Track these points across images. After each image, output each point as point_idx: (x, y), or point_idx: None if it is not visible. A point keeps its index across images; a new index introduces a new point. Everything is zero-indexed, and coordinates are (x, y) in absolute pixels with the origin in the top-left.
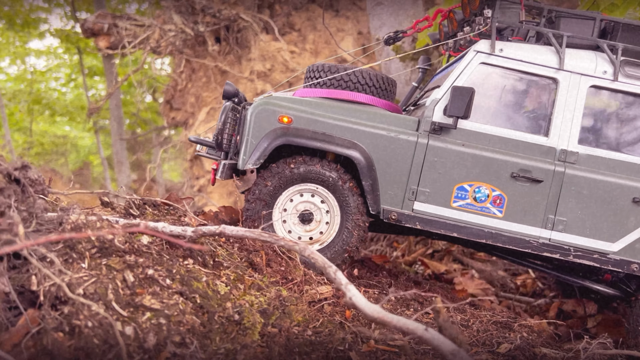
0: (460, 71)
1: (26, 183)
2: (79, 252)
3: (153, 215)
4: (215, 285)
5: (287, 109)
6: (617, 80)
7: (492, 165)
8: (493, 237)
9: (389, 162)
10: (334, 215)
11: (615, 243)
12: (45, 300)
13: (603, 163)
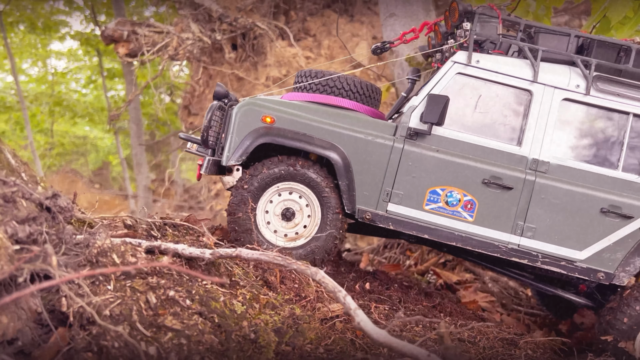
0: (437, 80)
1: (56, 211)
2: (105, 275)
3: (173, 236)
4: (232, 305)
5: (270, 109)
6: (589, 94)
7: (464, 171)
8: (463, 240)
9: (365, 164)
10: (314, 212)
11: (582, 251)
12: (74, 321)
13: (573, 173)
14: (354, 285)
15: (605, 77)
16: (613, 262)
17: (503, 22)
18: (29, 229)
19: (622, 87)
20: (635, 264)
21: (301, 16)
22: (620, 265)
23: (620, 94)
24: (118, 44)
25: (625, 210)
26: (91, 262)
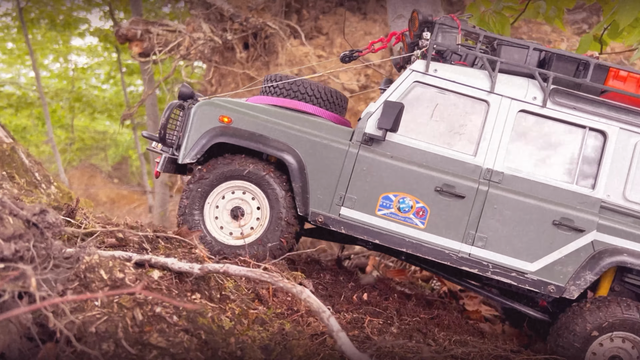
0: (395, 88)
1: (43, 227)
2: (92, 290)
3: (165, 249)
4: (220, 321)
5: (227, 110)
6: (546, 107)
7: (417, 178)
8: (414, 247)
9: (320, 167)
10: (264, 212)
11: (533, 263)
12: (61, 337)
13: (527, 185)
14: (352, 296)
15: (563, 90)
16: (564, 276)
17: (465, 33)
18: (14, 247)
19: (580, 101)
20: (586, 277)
21: (313, 15)
22: (571, 279)
23: (577, 108)
24: (132, 43)
25: (577, 223)
26: (79, 278)
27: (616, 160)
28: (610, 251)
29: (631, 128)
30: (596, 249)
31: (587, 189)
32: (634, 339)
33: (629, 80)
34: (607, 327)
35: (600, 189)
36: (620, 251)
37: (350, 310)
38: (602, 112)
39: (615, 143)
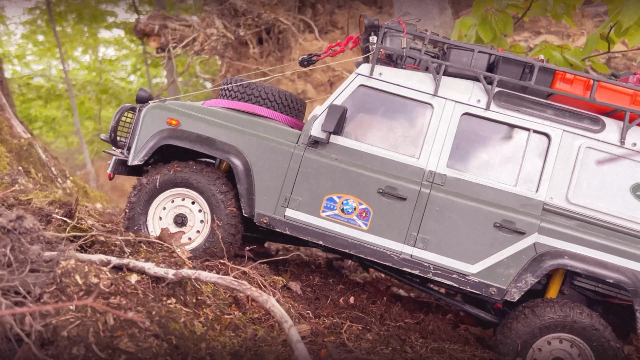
0: (340, 91)
1: (20, 232)
2: (68, 295)
3: (146, 253)
4: (192, 326)
5: (175, 112)
6: (489, 110)
7: (360, 180)
8: (357, 248)
9: (266, 169)
10: (207, 217)
11: (474, 265)
12: (35, 340)
13: (469, 187)
14: (339, 299)
15: (507, 93)
16: (506, 278)
17: (411, 36)
18: None
19: (524, 104)
20: (527, 280)
21: (328, 9)
22: (513, 281)
23: (521, 110)
24: (150, 38)
25: (518, 225)
26: (56, 283)
27: (560, 162)
28: (551, 254)
29: (575, 131)
30: (538, 252)
31: (530, 192)
32: (573, 339)
33: (576, 82)
34: (546, 328)
35: (543, 192)
36: (562, 254)
37: (332, 314)
38: (546, 115)
39: (559, 145)
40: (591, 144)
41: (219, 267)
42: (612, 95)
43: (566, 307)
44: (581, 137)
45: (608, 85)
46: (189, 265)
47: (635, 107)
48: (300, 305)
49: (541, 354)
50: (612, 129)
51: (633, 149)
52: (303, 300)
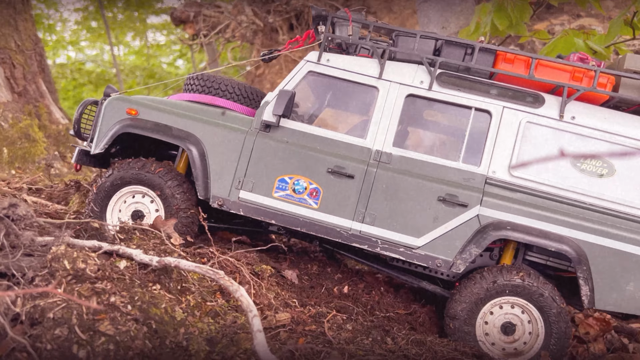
0: (291, 77)
1: (12, 220)
2: (57, 278)
3: (139, 240)
4: (173, 312)
5: (134, 103)
6: (432, 90)
7: (310, 160)
8: (307, 226)
9: (220, 153)
10: (161, 209)
11: (420, 238)
12: (25, 319)
13: (414, 164)
14: (333, 288)
15: (449, 74)
16: (452, 250)
17: (355, 24)
18: None
19: (465, 84)
20: (471, 251)
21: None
22: (459, 253)
23: (462, 90)
24: (186, 25)
25: (461, 198)
26: (46, 267)
27: (501, 137)
28: (494, 225)
29: (516, 107)
30: (482, 224)
31: (473, 166)
32: (522, 303)
33: (517, 62)
34: (493, 292)
35: (485, 166)
36: (505, 225)
37: (319, 303)
38: (486, 93)
39: (499, 121)
40: (531, 118)
41: (209, 255)
42: (553, 72)
43: (513, 271)
44: (521, 112)
45: (548, 63)
46: (179, 252)
47: (574, 82)
48: (287, 294)
49: (492, 317)
50: (551, 104)
51: (572, 122)
52: (295, 289)
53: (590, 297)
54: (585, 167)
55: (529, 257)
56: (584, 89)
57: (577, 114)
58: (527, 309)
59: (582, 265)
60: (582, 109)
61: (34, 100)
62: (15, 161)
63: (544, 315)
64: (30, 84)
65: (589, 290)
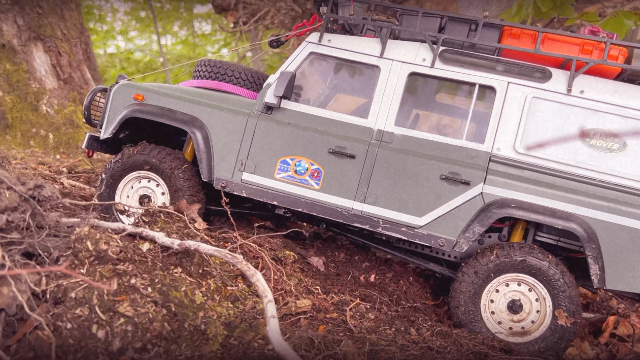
0: (292, 59)
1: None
2: (80, 259)
3: (164, 223)
4: (193, 295)
5: (140, 89)
6: (434, 67)
7: (311, 141)
8: (309, 206)
9: (223, 136)
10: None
11: (422, 217)
12: (50, 298)
13: (416, 143)
14: (359, 276)
15: (452, 50)
16: (455, 229)
17: (356, 4)
18: (6, 218)
19: (468, 60)
20: (474, 230)
21: None
22: (462, 232)
23: (465, 66)
24: (228, 13)
25: (463, 176)
26: (70, 247)
27: (506, 114)
28: (498, 203)
29: (521, 82)
30: (486, 202)
31: (476, 144)
32: (529, 281)
33: (523, 37)
34: (499, 269)
35: (489, 143)
36: (509, 203)
37: (343, 291)
38: (490, 69)
39: (504, 97)
40: (537, 93)
41: (233, 239)
42: (561, 46)
43: (524, 249)
44: (527, 87)
45: (556, 36)
46: (202, 236)
47: (583, 55)
48: (310, 280)
49: (498, 296)
50: (559, 78)
51: (580, 96)
52: (320, 276)
53: (601, 276)
54: (595, 142)
55: (539, 237)
56: (593, 62)
57: (586, 87)
58: (534, 286)
59: (591, 244)
60: (592, 83)
61: (79, 87)
62: (60, 146)
63: (551, 292)
64: (75, 71)
65: (599, 269)
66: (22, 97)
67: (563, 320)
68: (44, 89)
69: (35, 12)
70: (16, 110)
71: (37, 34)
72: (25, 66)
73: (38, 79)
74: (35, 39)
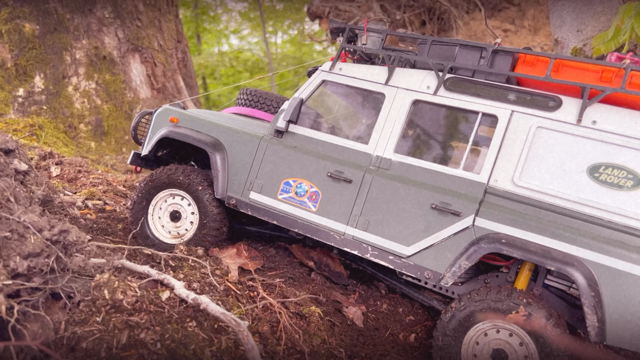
0: (306, 86)
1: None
2: (97, 307)
3: (189, 269)
4: (202, 354)
5: (176, 113)
6: (437, 95)
7: (313, 164)
8: (304, 228)
9: (239, 157)
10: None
11: (410, 247)
12: (65, 344)
13: (413, 170)
14: (399, 334)
15: (458, 78)
16: (442, 262)
17: (374, 33)
18: (27, 264)
19: (473, 87)
20: (461, 264)
21: None
22: (450, 266)
23: (469, 94)
24: (322, 20)
25: (454, 206)
26: (90, 294)
27: (507, 144)
28: (489, 238)
29: (526, 110)
30: (477, 235)
31: (473, 174)
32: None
33: (538, 64)
34: (482, 315)
35: (485, 174)
36: (500, 238)
37: (372, 355)
38: (496, 97)
39: (506, 127)
40: (543, 123)
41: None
42: (579, 73)
43: (506, 292)
44: (532, 116)
45: (573, 63)
46: (233, 288)
47: (602, 83)
48: (335, 342)
49: (480, 346)
50: (570, 107)
51: (591, 127)
52: (351, 332)
53: (599, 329)
54: (605, 177)
55: (549, 281)
56: (610, 90)
57: (600, 118)
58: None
59: (589, 291)
60: (608, 113)
61: (171, 96)
62: None
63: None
64: (169, 80)
65: (597, 321)
66: (117, 106)
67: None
68: (138, 98)
69: (135, 25)
70: (112, 118)
71: (135, 46)
72: (123, 77)
73: (133, 88)
74: (133, 51)
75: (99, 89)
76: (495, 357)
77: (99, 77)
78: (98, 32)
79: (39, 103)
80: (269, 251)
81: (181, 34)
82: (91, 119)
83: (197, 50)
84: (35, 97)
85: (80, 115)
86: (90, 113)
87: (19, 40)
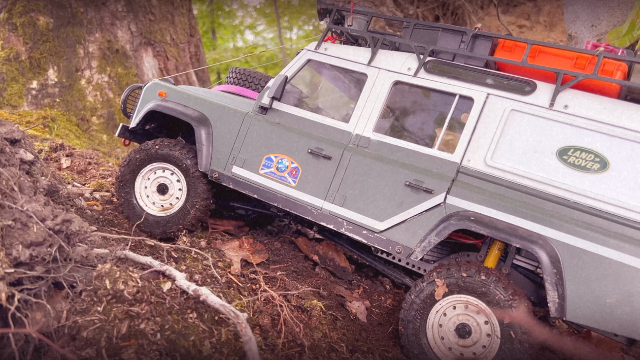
0: (292, 64)
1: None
2: (99, 297)
3: (192, 260)
4: (201, 345)
5: (165, 87)
6: (417, 76)
7: (294, 141)
8: (283, 202)
9: (223, 132)
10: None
11: (383, 222)
12: (67, 333)
13: (391, 149)
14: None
15: (438, 60)
16: (413, 237)
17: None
18: (29, 253)
19: (452, 70)
20: (430, 240)
21: None
22: (420, 241)
23: (448, 76)
24: None
25: (426, 184)
26: (90, 283)
27: (482, 125)
28: (459, 215)
29: (501, 93)
30: (447, 213)
31: (446, 154)
32: (475, 302)
33: (516, 49)
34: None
35: (459, 154)
36: (469, 216)
37: (374, 350)
38: (474, 80)
39: (481, 109)
40: (517, 106)
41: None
42: (555, 59)
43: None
44: (507, 99)
45: (549, 49)
46: (235, 280)
47: (576, 70)
48: (338, 335)
49: (445, 319)
50: (543, 92)
51: (563, 111)
52: (354, 327)
53: (559, 305)
54: (573, 160)
55: (517, 261)
56: (583, 76)
57: (571, 102)
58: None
59: (552, 268)
60: (580, 98)
61: None
62: None
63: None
64: (181, 74)
65: (558, 297)
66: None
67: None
68: None
69: (148, 19)
70: None
71: (148, 40)
72: (135, 70)
73: (145, 82)
74: (145, 44)
75: (112, 82)
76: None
77: (111, 71)
78: (111, 26)
79: (52, 96)
80: (274, 245)
81: (194, 28)
82: (103, 112)
83: (212, 45)
84: (49, 89)
85: (92, 108)
86: (103, 106)
87: (33, 33)
